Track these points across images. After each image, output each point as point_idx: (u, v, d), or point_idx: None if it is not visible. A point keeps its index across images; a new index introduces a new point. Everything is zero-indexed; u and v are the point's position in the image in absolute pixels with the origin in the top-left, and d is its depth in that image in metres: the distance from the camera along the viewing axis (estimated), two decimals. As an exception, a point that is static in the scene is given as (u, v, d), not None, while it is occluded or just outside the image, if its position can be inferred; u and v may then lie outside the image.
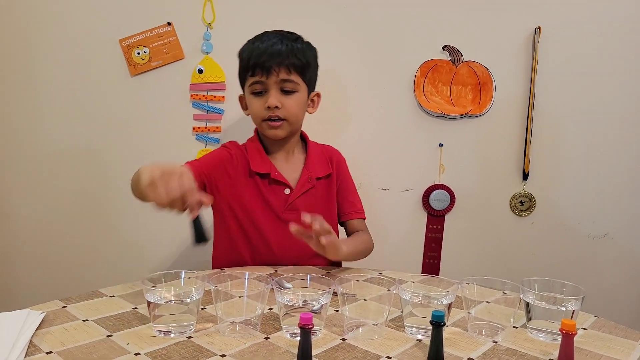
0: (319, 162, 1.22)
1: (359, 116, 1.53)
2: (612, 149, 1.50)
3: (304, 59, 1.13)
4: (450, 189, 1.54)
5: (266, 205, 1.16)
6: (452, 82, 1.50)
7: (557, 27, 1.46)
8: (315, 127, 1.43)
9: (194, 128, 1.51)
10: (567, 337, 0.63)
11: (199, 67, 1.48)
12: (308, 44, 1.18)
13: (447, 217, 1.56)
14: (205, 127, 1.51)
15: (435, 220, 1.56)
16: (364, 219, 1.27)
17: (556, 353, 0.67)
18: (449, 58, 1.50)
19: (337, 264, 1.25)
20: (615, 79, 1.48)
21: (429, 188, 1.54)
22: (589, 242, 1.53)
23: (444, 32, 1.49)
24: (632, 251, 1.53)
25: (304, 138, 1.26)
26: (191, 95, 1.50)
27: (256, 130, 1.23)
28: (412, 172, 1.55)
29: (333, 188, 1.24)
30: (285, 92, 1.12)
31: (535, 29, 1.46)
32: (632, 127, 1.49)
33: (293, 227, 0.94)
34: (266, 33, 1.16)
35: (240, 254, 1.18)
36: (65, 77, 1.50)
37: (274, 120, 1.13)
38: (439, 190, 1.53)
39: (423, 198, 1.55)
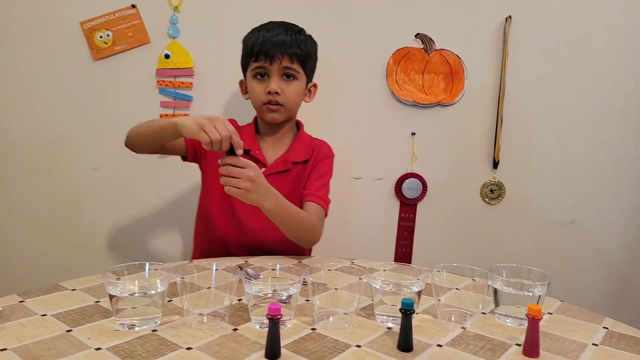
0: (302, 149, 1.26)
1: (330, 105, 1.52)
2: (579, 138, 1.53)
3: (306, 50, 1.19)
4: (422, 177, 1.54)
5: None
6: (425, 71, 1.50)
7: (527, 17, 1.47)
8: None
9: (161, 115, 1.47)
10: (533, 322, 0.64)
11: (166, 52, 1.44)
12: (310, 36, 1.24)
13: (419, 205, 1.56)
14: (173, 115, 1.47)
15: (408, 208, 1.57)
16: (323, 208, 1.19)
17: (523, 338, 0.68)
18: (422, 46, 1.50)
19: (305, 252, 1.25)
20: (585, 68, 1.50)
21: (401, 177, 1.55)
22: (556, 228, 1.57)
23: (416, 20, 1.48)
24: (597, 237, 1.57)
25: (298, 127, 1.31)
26: (158, 82, 1.45)
27: (255, 118, 1.29)
28: (384, 161, 1.55)
29: (306, 174, 1.24)
30: (286, 80, 1.19)
31: (506, 18, 1.47)
32: (599, 117, 1.52)
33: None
34: (271, 23, 1.20)
35: (215, 229, 1.22)
36: (23, 62, 1.42)
37: (273, 105, 1.18)
38: (412, 179, 1.54)
39: (395, 187, 1.55)
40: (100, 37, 1.42)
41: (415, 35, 1.49)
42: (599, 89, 1.51)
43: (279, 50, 1.14)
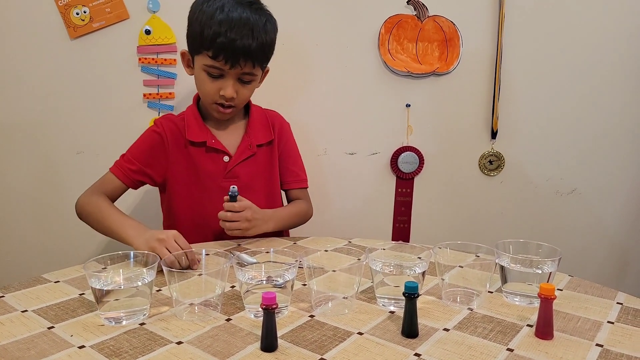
0: (261, 128, 1.19)
1: (320, 78, 1.45)
2: (580, 104, 1.48)
3: (269, 50, 1.10)
4: (418, 150, 1.49)
5: (205, 175, 1.14)
6: (418, 39, 1.43)
7: (524, -22, 1.40)
8: (275, 92, 1.35)
9: (144, 95, 1.40)
10: (546, 302, 0.60)
11: (146, 28, 1.36)
12: (270, 20, 1.09)
13: (416, 179, 1.52)
14: (157, 94, 1.40)
15: (405, 183, 1.52)
16: (306, 187, 1.28)
17: (533, 317, 0.65)
18: (414, 13, 1.42)
19: (284, 233, 1.22)
20: (585, 31, 1.44)
21: (397, 151, 1.50)
22: (557, 199, 1.53)
23: (408, -15, 1.41)
24: (600, 205, 1.53)
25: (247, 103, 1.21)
26: (139, 59, 1.38)
27: (195, 97, 1.18)
28: (379, 135, 1.49)
29: (275, 155, 1.21)
30: (242, 83, 1.09)
31: (503, -20, 1.40)
32: (600, 83, 1.47)
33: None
34: (231, 13, 1.01)
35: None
36: (-6, 42, 1.34)
37: (225, 107, 1.10)
38: (408, 152, 1.49)
39: (391, 161, 1.50)
40: (77, 13, 1.34)
41: (408, 2, 1.42)
42: (602, 53, 1.45)
43: (242, 57, 1.02)
